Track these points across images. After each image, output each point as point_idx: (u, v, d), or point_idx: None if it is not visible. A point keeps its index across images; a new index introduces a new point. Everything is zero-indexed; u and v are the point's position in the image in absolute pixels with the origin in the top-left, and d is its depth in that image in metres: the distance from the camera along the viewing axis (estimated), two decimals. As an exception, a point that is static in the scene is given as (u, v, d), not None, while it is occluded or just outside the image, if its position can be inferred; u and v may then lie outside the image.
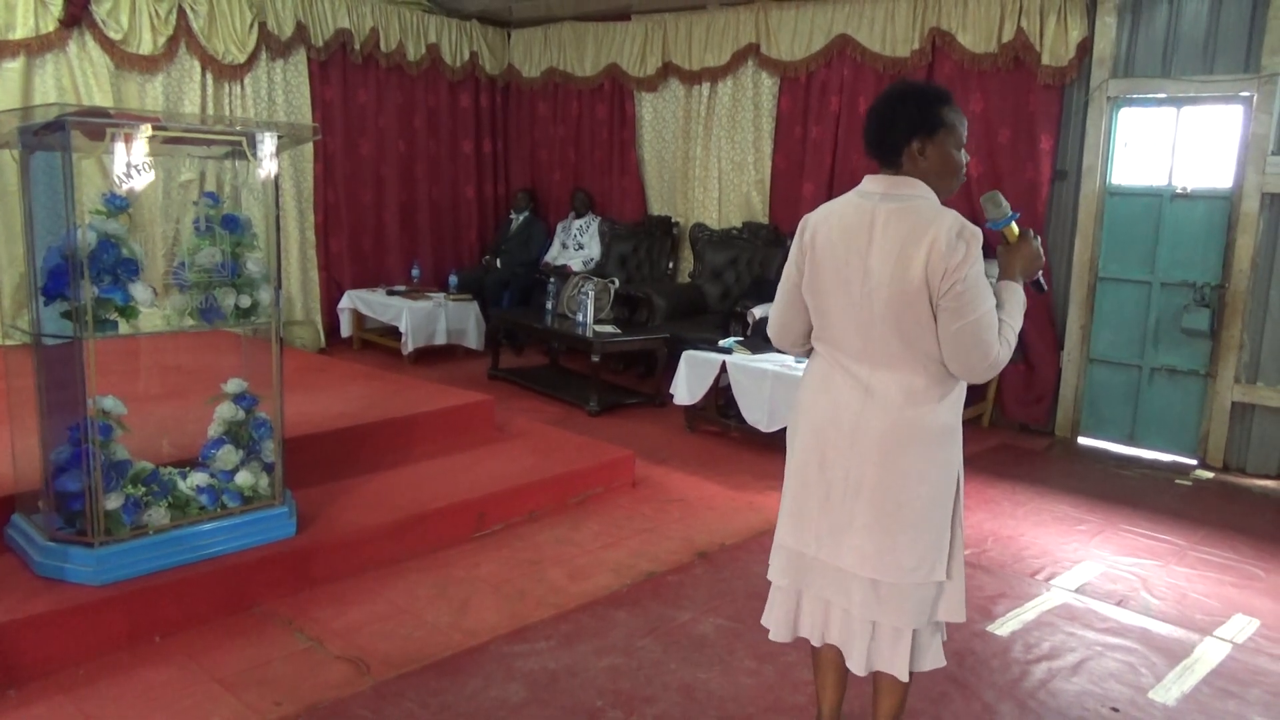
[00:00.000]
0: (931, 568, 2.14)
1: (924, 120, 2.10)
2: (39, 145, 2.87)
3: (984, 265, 2.05)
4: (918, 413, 2.11)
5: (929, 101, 2.13)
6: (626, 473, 4.59)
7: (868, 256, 2.08)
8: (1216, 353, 5.31)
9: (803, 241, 2.23)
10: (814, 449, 2.22)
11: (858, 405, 2.15)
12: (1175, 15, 5.26)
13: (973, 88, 5.88)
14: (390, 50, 7.69)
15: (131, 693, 2.64)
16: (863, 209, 2.12)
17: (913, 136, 2.10)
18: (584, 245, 7.95)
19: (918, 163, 2.12)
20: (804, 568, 2.26)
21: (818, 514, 2.21)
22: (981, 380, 2.13)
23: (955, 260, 1.99)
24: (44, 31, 5.99)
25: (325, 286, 7.57)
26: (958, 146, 2.15)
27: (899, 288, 2.04)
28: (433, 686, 2.74)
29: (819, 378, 2.25)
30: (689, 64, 7.30)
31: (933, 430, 2.12)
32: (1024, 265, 2.21)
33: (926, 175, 2.12)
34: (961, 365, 2.07)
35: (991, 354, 2.04)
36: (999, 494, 4.74)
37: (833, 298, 2.15)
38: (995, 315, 2.06)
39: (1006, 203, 2.25)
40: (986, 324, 2.03)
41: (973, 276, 2.00)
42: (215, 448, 3.26)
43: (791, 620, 2.33)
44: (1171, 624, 3.35)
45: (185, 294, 3.03)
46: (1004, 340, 2.06)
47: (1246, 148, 5.09)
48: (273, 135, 3.18)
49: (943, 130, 2.11)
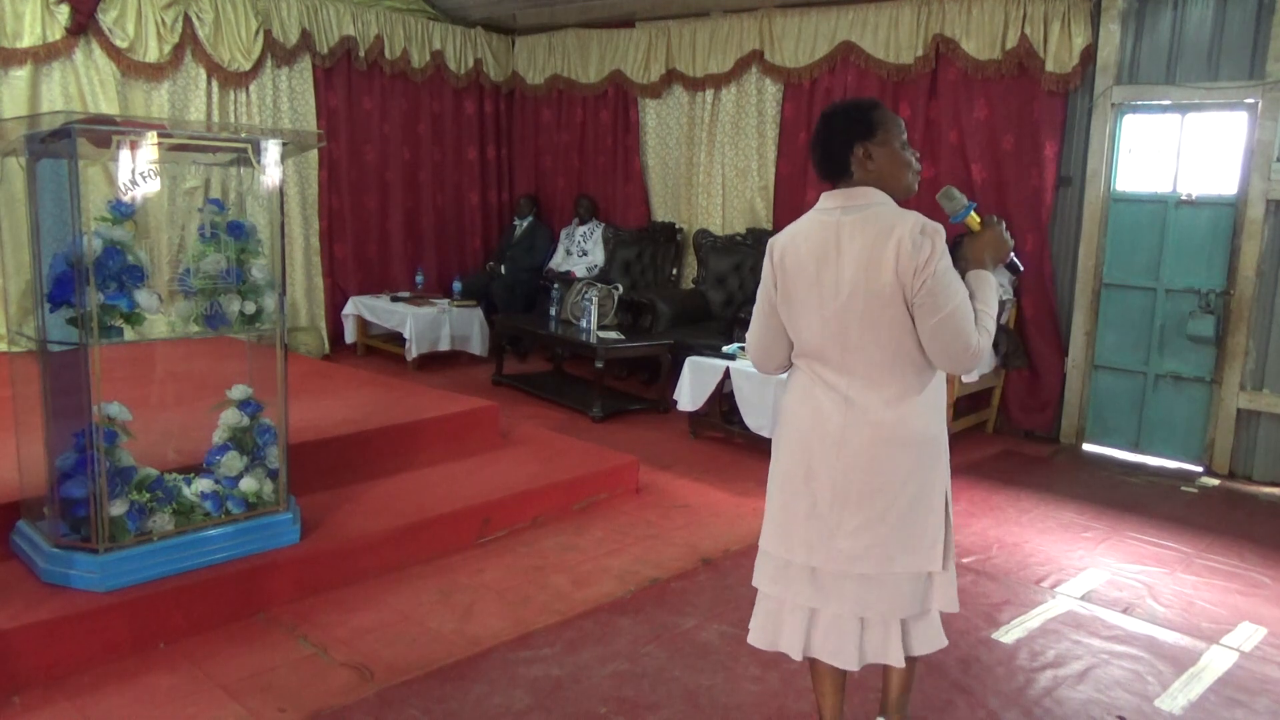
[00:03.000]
0: (924, 558, 2.20)
1: (858, 125, 2.17)
2: (45, 152, 2.88)
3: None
4: (899, 416, 2.16)
5: (859, 108, 2.21)
6: (630, 479, 4.59)
7: (839, 268, 2.13)
8: (1222, 359, 5.30)
9: (773, 264, 2.28)
10: (800, 460, 2.26)
11: (840, 417, 2.19)
12: (1179, 22, 5.26)
13: (976, 94, 5.88)
14: (395, 57, 7.71)
15: (136, 699, 2.64)
16: (826, 224, 2.18)
17: (853, 142, 2.17)
18: (588, 251, 7.96)
19: (867, 168, 2.17)
20: (789, 577, 2.28)
21: (804, 523, 2.24)
22: (966, 370, 2.18)
23: (922, 258, 2.04)
24: (51, 40, 6.02)
25: (329, 293, 7.58)
26: (902, 144, 2.20)
27: (873, 292, 2.09)
28: (436, 693, 2.74)
29: (800, 390, 2.28)
30: (693, 70, 7.31)
31: (915, 433, 2.17)
32: (991, 252, 2.25)
33: (880, 180, 2.18)
34: (944, 358, 2.13)
35: (971, 343, 2.10)
36: (1004, 501, 4.73)
37: (808, 314, 2.20)
38: (969, 306, 2.12)
39: (960, 195, 2.30)
40: (962, 315, 2.09)
41: (941, 270, 2.06)
42: (220, 454, 3.27)
43: (772, 630, 2.35)
44: (1178, 632, 3.34)
45: (190, 300, 3.04)
46: (982, 329, 2.13)
47: (1251, 154, 5.09)
48: (277, 142, 3.19)
49: (880, 131, 2.17)
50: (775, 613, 2.33)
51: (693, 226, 7.51)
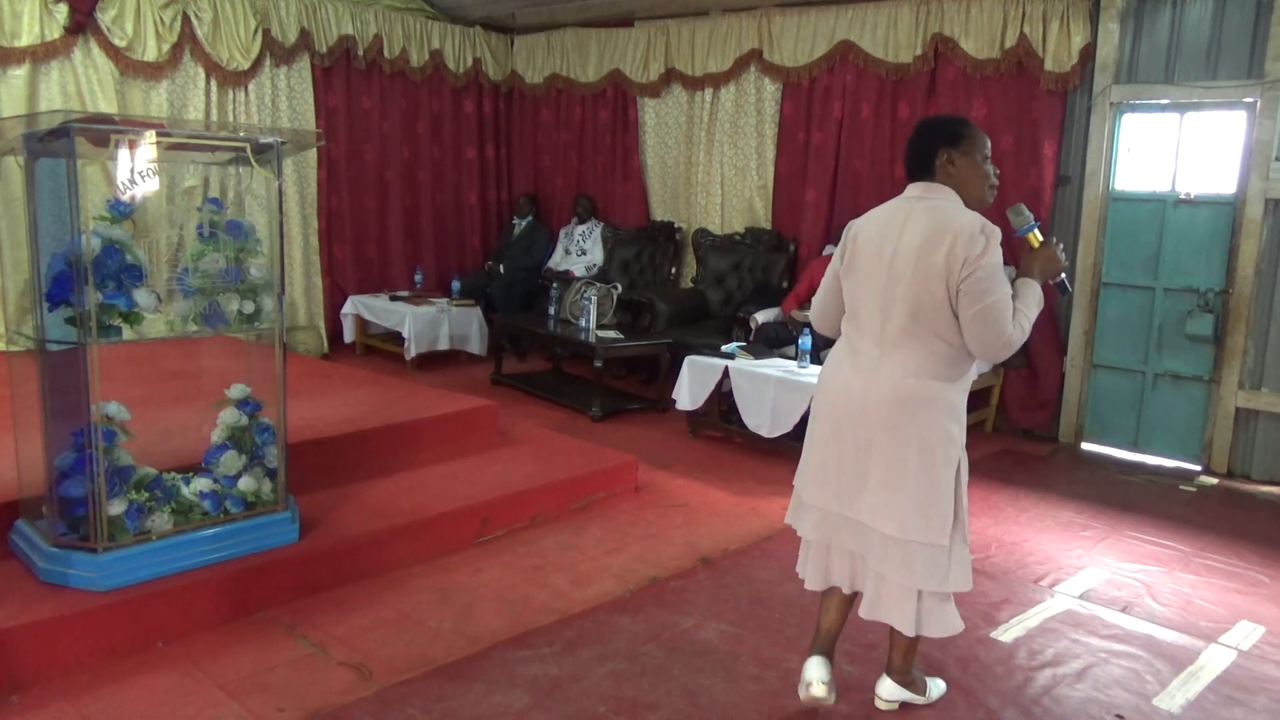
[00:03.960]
0: (938, 529, 2.40)
1: (947, 133, 2.48)
2: (44, 152, 2.88)
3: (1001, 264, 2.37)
4: (920, 384, 2.41)
5: (951, 120, 2.55)
6: (629, 478, 4.59)
7: (898, 245, 2.42)
8: (1220, 358, 5.30)
9: (846, 237, 2.61)
10: (830, 418, 2.56)
11: (866, 379, 2.47)
12: (1178, 21, 5.27)
13: (975, 94, 5.89)
14: (394, 56, 7.71)
15: (134, 698, 2.64)
16: (900, 209, 2.50)
17: (938, 147, 2.47)
18: (587, 251, 7.96)
19: (949, 173, 2.47)
20: (830, 524, 2.57)
21: (837, 475, 2.53)
22: (998, 358, 2.43)
23: (975, 251, 2.31)
24: (49, 38, 6.01)
25: (328, 292, 7.58)
26: (984, 158, 2.50)
27: (922, 270, 2.36)
28: (435, 692, 2.74)
29: (837, 354, 2.61)
30: (691, 70, 7.31)
31: (932, 400, 2.41)
32: (1042, 266, 2.54)
33: (959, 185, 2.47)
34: (979, 344, 2.38)
35: (1005, 334, 2.34)
36: (1003, 500, 4.73)
37: (864, 284, 2.50)
38: (1009, 302, 2.36)
39: (1028, 213, 2.59)
40: (1001, 308, 2.33)
41: (989, 266, 2.33)
42: (218, 453, 3.27)
43: (823, 571, 2.65)
44: (1176, 630, 3.34)
45: (189, 300, 3.04)
46: (1018, 325, 2.37)
47: (1250, 153, 5.09)
48: (276, 141, 3.19)
49: (964, 141, 2.47)
50: (822, 557, 2.64)
51: (691, 226, 7.51)
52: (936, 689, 2.78)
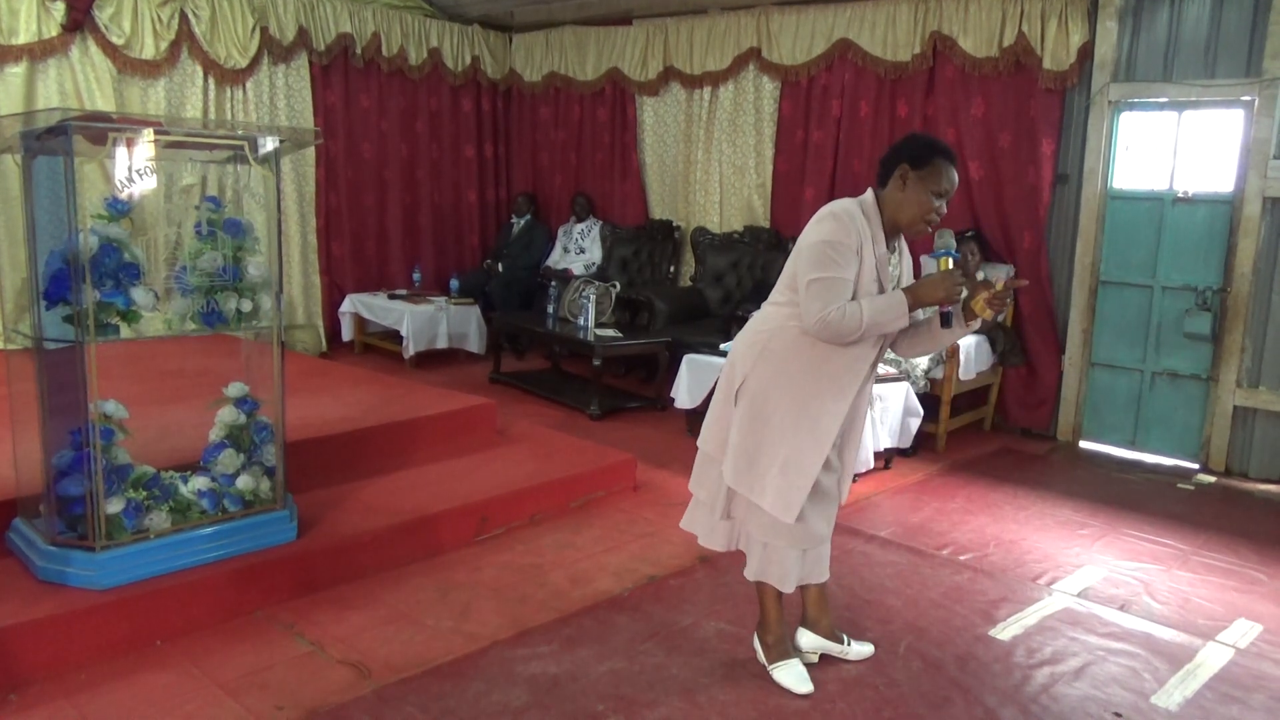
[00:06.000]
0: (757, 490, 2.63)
1: (917, 154, 2.49)
2: (41, 150, 2.88)
3: (836, 248, 2.45)
4: (758, 332, 2.67)
5: (930, 145, 2.52)
6: (628, 477, 4.59)
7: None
8: (1218, 357, 5.31)
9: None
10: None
11: (742, 333, 2.75)
12: (1176, 19, 5.27)
13: (974, 92, 5.89)
14: (392, 54, 7.70)
15: (133, 697, 2.64)
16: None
17: (903, 161, 2.50)
18: (585, 249, 7.96)
19: (899, 187, 2.51)
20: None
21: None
22: (816, 333, 2.51)
23: (811, 224, 2.51)
24: (47, 36, 6.00)
25: (327, 290, 7.57)
26: (937, 193, 2.48)
27: (796, 247, 2.58)
28: (434, 691, 2.74)
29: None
30: (690, 68, 7.30)
31: (760, 349, 2.63)
32: (931, 287, 2.49)
33: (897, 204, 2.51)
34: (804, 314, 2.52)
35: (813, 315, 2.47)
36: (1001, 498, 4.74)
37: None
38: (839, 290, 2.45)
39: (953, 241, 2.57)
40: (820, 289, 2.45)
41: (809, 240, 2.50)
42: (216, 452, 3.26)
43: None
44: (1174, 629, 3.34)
45: (187, 298, 3.03)
46: (836, 312, 2.44)
47: (1248, 152, 5.09)
48: (274, 139, 3.19)
49: (927, 168, 2.47)
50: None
51: (690, 224, 7.51)
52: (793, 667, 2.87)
